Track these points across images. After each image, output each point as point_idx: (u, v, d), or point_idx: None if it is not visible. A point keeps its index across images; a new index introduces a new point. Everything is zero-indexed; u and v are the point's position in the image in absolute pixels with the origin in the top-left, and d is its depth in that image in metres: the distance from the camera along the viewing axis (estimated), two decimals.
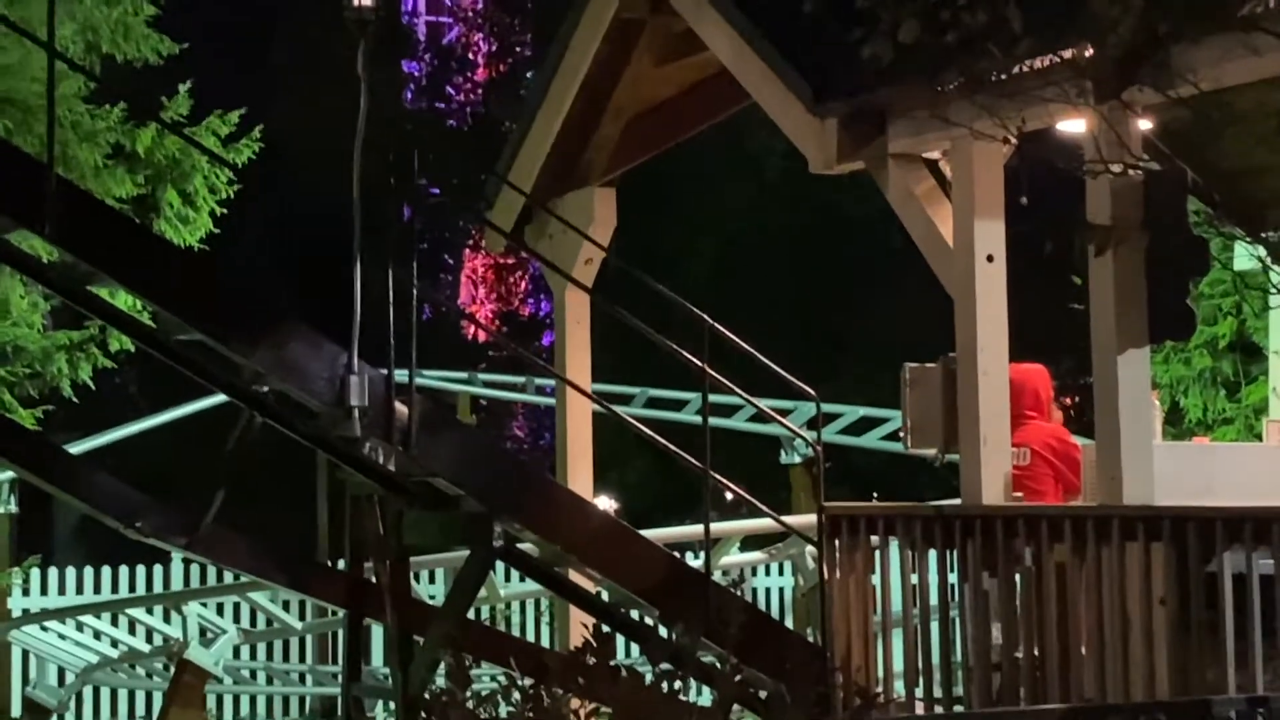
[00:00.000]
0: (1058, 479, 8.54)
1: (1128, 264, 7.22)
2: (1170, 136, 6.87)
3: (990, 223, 7.89)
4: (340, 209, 7.87)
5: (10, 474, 12.81)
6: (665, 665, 5.08)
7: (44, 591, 13.72)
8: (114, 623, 12.94)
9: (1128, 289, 7.28)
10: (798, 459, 15.37)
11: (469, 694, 4.93)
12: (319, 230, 14.78)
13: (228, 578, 12.85)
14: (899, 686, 8.19)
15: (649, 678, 5.06)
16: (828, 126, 8.27)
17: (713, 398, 8.95)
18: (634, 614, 9.21)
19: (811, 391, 9.08)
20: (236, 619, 13.26)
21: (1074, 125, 7.27)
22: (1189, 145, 6.89)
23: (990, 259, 7.88)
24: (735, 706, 5.27)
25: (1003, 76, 6.13)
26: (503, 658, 8.68)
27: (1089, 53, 5.95)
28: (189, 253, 10.51)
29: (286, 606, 12.98)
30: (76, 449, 13.80)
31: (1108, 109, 6.28)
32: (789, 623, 13.88)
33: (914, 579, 8.02)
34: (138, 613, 12.69)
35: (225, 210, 11.19)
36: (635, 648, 9.99)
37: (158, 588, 13.88)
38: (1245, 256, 8.63)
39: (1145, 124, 6.87)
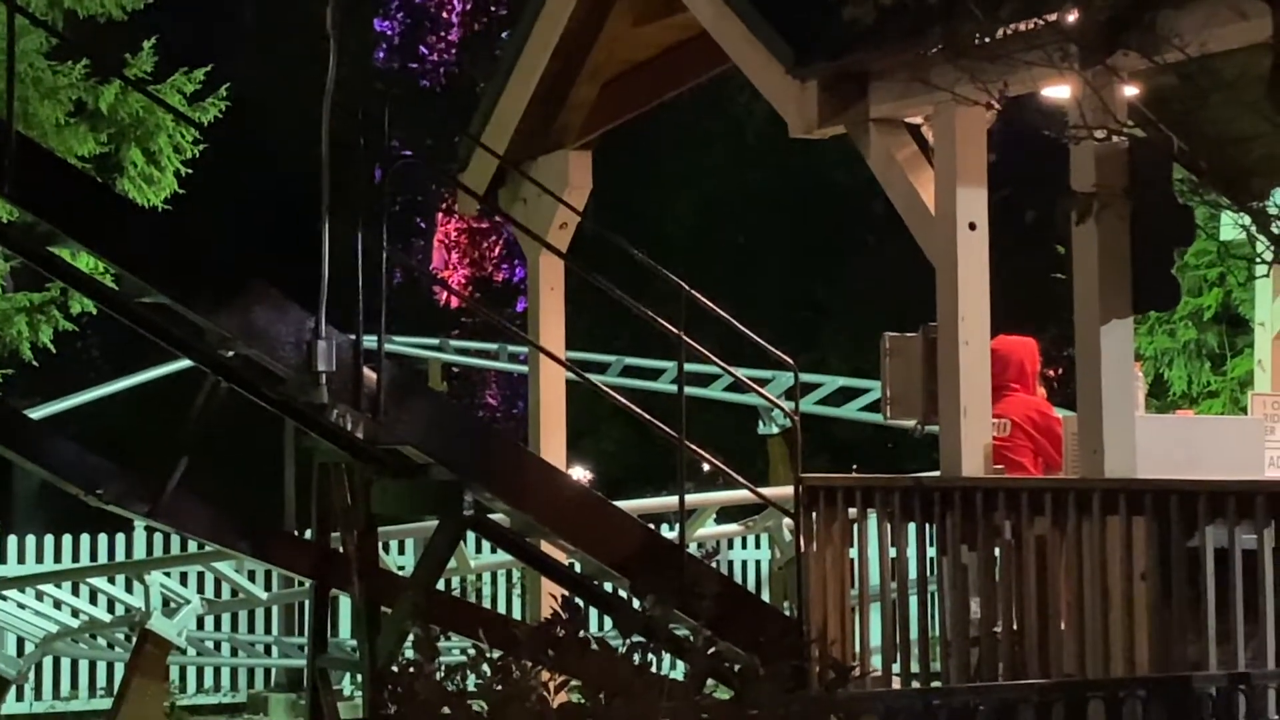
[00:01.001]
0: (1037, 453, 8.46)
1: (1111, 233, 7.11)
2: (1155, 103, 6.75)
3: (973, 190, 7.77)
4: (309, 170, 7.71)
5: None
6: (637, 638, 4.94)
7: (2, 560, 13.52)
8: (74, 592, 12.77)
9: (1111, 258, 7.17)
10: (775, 429, 15.24)
11: (437, 665, 4.78)
12: (287, 192, 14.58)
13: (191, 546, 12.69)
14: (876, 661, 8.09)
15: (621, 651, 4.92)
16: (808, 90, 8.13)
17: (690, 367, 8.82)
18: (606, 586, 9.08)
19: (790, 361, 8.95)
20: (200, 589, 13.09)
21: (1058, 91, 7.16)
22: (1174, 112, 6.77)
23: (972, 227, 7.76)
24: (709, 680, 5.14)
25: (986, 40, 6.00)
26: (472, 629, 8.56)
27: (1074, 16, 5.82)
28: (153, 213, 10.33)
29: (251, 576, 12.82)
30: (37, 414, 13.59)
31: (1092, 74, 6.16)
32: (765, 597, 13.77)
33: (892, 552, 7.91)
34: (99, 582, 12.54)
35: (190, 170, 11.00)
36: (608, 620, 9.88)
37: (119, 556, 13.69)
38: (1230, 226, 8.52)
39: (1130, 90, 6.75)
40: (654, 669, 5.22)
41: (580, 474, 18.59)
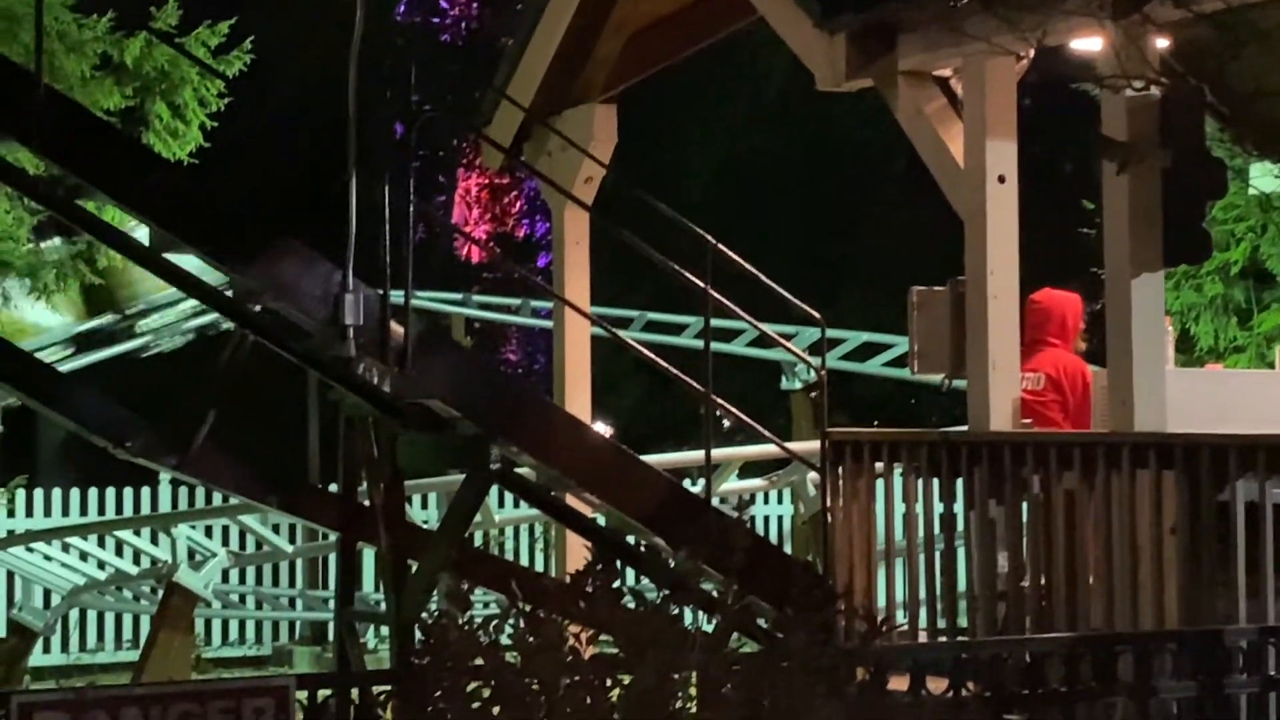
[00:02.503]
0: (1065, 410, 8.39)
1: (1143, 184, 7.07)
2: (1188, 56, 6.71)
3: (1002, 143, 7.72)
4: (334, 124, 7.70)
5: None
6: (666, 591, 4.94)
7: (29, 513, 13.56)
8: (101, 544, 12.82)
9: (1143, 210, 7.13)
10: (799, 385, 15.22)
11: (468, 617, 4.78)
12: (312, 146, 14.57)
13: (217, 499, 12.73)
14: (901, 616, 8.08)
15: (652, 604, 4.92)
16: (836, 42, 8.08)
17: (713, 322, 8.79)
18: (630, 540, 9.08)
19: (817, 315, 8.93)
20: (226, 542, 13.14)
21: (1090, 44, 7.11)
22: (1207, 65, 6.73)
23: (1002, 180, 7.72)
24: (734, 634, 5.14)
25: None
26: (498, 583, 8.57)
27: None
28: (179, 166, 10.30)
29: (277, 529, 12.87)
30: (65, 368, 13.62)
31: (1127, 23, 6.11)
32: (788, 552, 13.77)
33: (918, 507, 7.89)
34: (125, 534, 12.57)
35: (216, 124, 10.97)
36: (632, 575, 9.90)
37: (145, 509, 13.73)
38: (1266, 178, 8.48)
39: (1162, 43, 6.71)
40: (683, 622, 5.23)
41: (603, 429, 18.58)
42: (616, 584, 4.81)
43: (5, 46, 9.50)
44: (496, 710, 4.52)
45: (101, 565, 12.61)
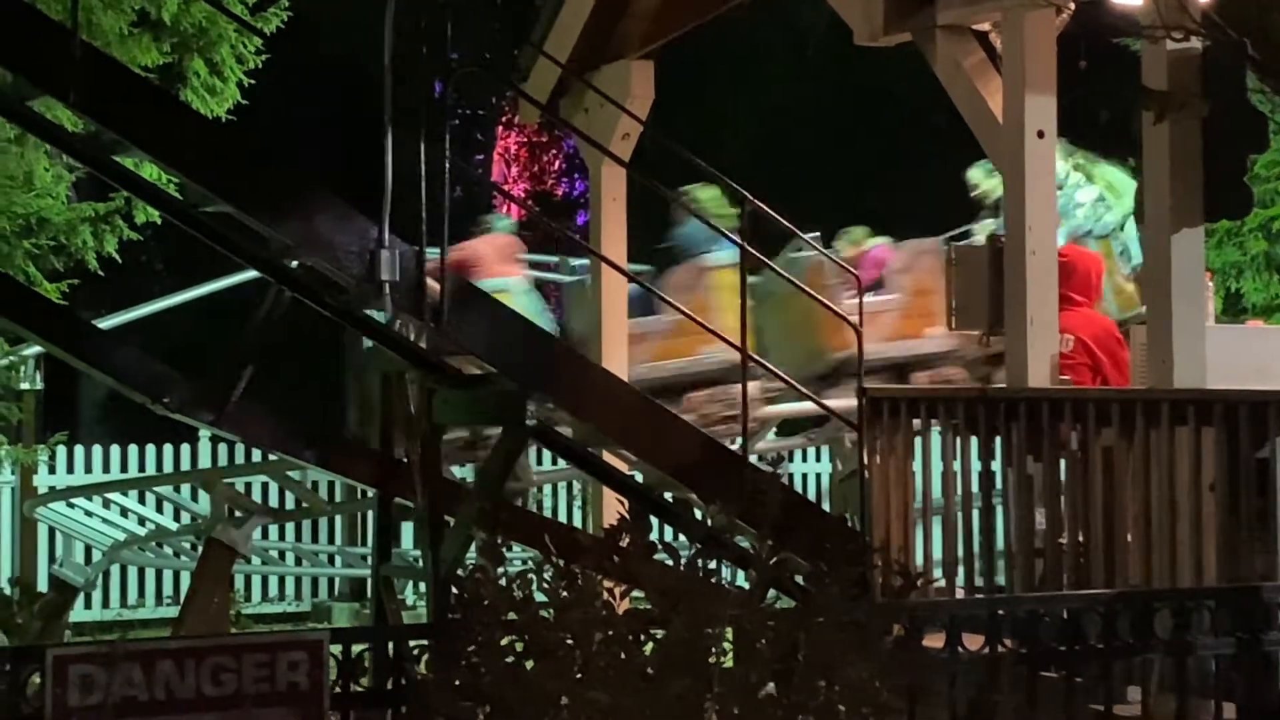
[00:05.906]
0: (1096, 373, 8.31)
1: (1184, 138, 7.01)
2: (1228, 8, 6.62)
3: (1042, 97, 7.66)
4: (371, 80, 7.69)
5: (36, 350, 12.72)
6: (698, 546, 4.94)
7: (70, 469, 13.64)
8: (141, 500, 12.89)
9: (1183, 163, 7.06)
10: None
11: (501, 572, 4.79)
12: (349, 102, 14.56)
13: (256, 456, 12.77)
14: (938, 573, 8.06)
15: (686, 558, 4.92)
16: None
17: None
18: (667, 496, 9.08)
19: (854, 270, 8.89)
20: (266, 498, 13.19)
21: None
22: (1247, 18, 6.64)
23: (1041, 135, 7.66)
24: (770, 590, 5.13)
25: None
26: (534, 539, 8.58)
27: None
28: (216, 123, 10.29)
29: (315, 486, 12.91)
30: (103, 325, 13.66)
31: None
32: (825, 509, 13.74)
33: (956, 464, 7.85)
34: (166, 490, 12.64)
35: (253, 80, 10.96)
36: (668, 531, 9.90)
37: (185, 466, 13.80)
38: None
39: None
40: (718, 577, 5.22)
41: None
42: (650, 539, 4.80)
43: (43, 3, 9.51)
44: (530, 664, 4.53)
45: (142, 521, 12.68)
